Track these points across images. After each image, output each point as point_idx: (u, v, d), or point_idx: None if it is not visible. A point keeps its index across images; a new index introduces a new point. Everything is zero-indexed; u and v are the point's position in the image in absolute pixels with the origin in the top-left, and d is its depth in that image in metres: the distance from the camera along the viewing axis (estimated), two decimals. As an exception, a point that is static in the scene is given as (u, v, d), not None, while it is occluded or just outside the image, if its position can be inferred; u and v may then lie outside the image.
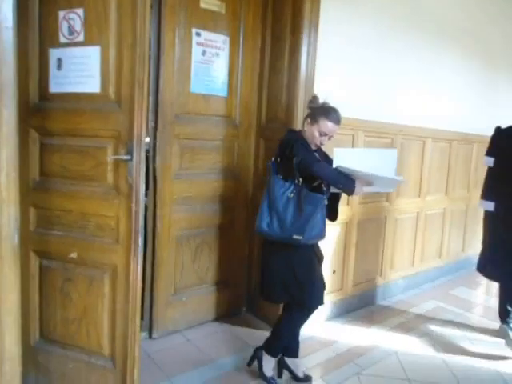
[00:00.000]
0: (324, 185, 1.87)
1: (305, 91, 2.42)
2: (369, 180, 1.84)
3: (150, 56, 2.23)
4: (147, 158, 2.22)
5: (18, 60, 1.43)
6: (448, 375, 2.27)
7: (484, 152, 3.90)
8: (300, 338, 2.17)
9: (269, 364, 2.06)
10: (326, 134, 1.88)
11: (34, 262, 1.84)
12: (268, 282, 1.98)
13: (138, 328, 1.72)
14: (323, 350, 2.44)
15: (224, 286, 2.73)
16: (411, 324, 2.86)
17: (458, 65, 3.54)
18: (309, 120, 1.91)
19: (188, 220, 2.47)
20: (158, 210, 2.34)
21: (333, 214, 1.98)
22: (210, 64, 2.44)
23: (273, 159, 1.94)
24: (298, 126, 2.40)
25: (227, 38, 2.48)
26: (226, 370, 2.18)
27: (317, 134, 1.88)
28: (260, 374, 2.06)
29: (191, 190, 2.46)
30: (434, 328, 2.83)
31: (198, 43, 2.36)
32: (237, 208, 2.71)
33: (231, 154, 2.64)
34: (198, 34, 2.35)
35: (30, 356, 1.83)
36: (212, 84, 2.47)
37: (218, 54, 2.46)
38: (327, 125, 1.86)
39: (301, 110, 2.40)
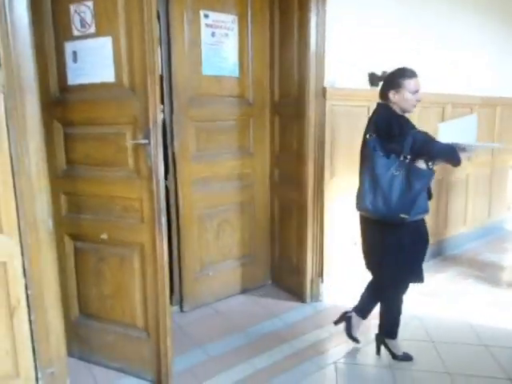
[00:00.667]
0: (430, 160, 1.81)
1: (316, 64, 2.42)
2: (468, 150, 1.85)
3: (160, 41, 2.28)
4: (165, 141, 2.31)
5: (36, 55, 1.52)
6: (473, 337, 2.29)
7: (508, 114, 3.81)
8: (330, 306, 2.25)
9: (396, 345, 2.10)
10: (416, 91, 1.87)
11: (69, 244, 1.97)
12: (380, 262, 1.98)
13: (168, 300, 1.83)
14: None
15: (248, 260, 2.82)
16: (436, 289, 2.87)
17: (474, 22, 3.39)
18: (393, 91, 1.88)
19: (208, 199, 2.56)
20: (179, 191, 2.43)
21: (428, 193, 1.94)
22: (220, 45, 2.46)
23: (368, 136, 1.89)
24: (310, 99, 2.41)
25: (235, 18, 2.49)
26: (255, 337, 2.29)
27: (409, 96, 1.85)
28: (394, 357, 2.08)
29: (209, 170, 2.54)
30: (460, 292, 2.83)
31: (206, 25, 2.38)
32: (255, 184, 2.77)
33: (246, 132, 2.69)
34: (207, 16, 2.37)
35: (72, 330, 1.98)
36: (223, 65, 2.50)
37: (227, 35, 2.47)
38: (411, 82, 1.85)
39: (313, 84, 2.41)
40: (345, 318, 2.21)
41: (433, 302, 2.69)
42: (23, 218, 1.52)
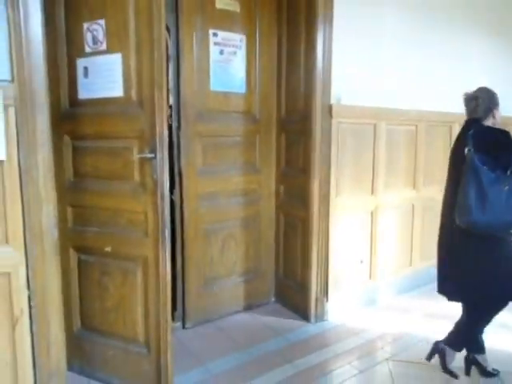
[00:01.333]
0: None
1: (322, 82, 2.45)
2: None
3: (169, 57, 2.34)
4: (172, 156, 2.34)
5: (48, 71, 1.57)
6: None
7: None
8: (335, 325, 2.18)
9: (451, 358, 2.07)
10: None
11: (73, 257, 1.98)
12: (485, 277, 1.95)
13: (169, 315, 1.82)
14: (353, 338, 2.46)
15: (252, 276, 2.81)
16: (447, 310, 2.81)
17: (485, 46, 3.43)
18: (495, 109, 1.96)
19: (214, 214, 2.57)
20: (185, 206, 2.45)
21: None
22: (228, 62, 2.52)
23: (467, 150, 1.86)
24: (316, 116, 2.44)
25: (244, 37, 2.56)
26: (257, 356, 2.25)
27: (500, 113, 1.99)
28: (443, 367, 2.06)
29: (215, 185, 2.56)
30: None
31: (215, 43, 2.45)
32: (261, 200, 2.79)
33: (253, 148, 2.72)
34: (215, 35, 2.44)
35: (73, 343, 1.98)
36: (231, 81, 2.55)
37: (235, 53, 2.53)
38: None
39: (319, 101, 2.44)
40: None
41: (444, 323, 2.63)
42: (29, 229, 1.54)
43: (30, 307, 1.58)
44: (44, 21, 1.53)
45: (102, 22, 1.75)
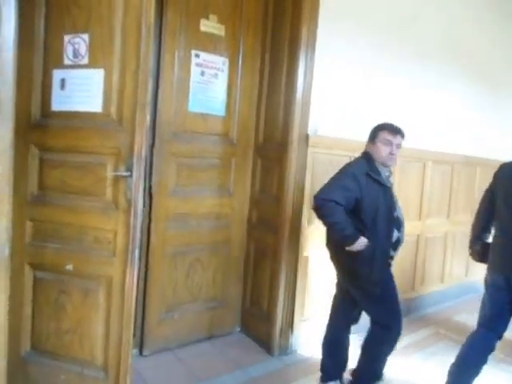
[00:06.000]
0: None
1: (301, 111, 2.62)
2: None
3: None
4: (144, 174, 2.41)
5: (19, 79, 1.59)
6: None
7: (487, 175, 4.11)
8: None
9: None
10: None
11: (29, 274, 1.98)
12: None
13: (131, 337, 1.86)
14: (314, 375, 2.53)
15: (217, 304, 2.87)
16: (408, 350, 2.96)
17: (458, 87, 3.76)
18: None
19: (183, 236, 2.64)
20: (153, 226, 2.51)
21: None
22: (209, 84, 2.66)
23: None
24: (292, 145, 2.59)
25: (226, 60, 2.71)
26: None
27: None
28: None
29: (187, 207, 2.64)
30: (433, 355, 2.92)
31: (197, 64, 2.58)
32: (233, 225, 2.88)
33: (228, 171, 2.83)
34: (197, 56, 2.58)
35: (19, 367, 1.97)
36: (210, 103, 2.68)
37: (216, 75, 2.68)
38: None
39: (296, 130, 2.60)
40: None
41: (406, 363, 2.76)
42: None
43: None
44: (19, 28, 1.57)
45: (86, 36, 1.84)
